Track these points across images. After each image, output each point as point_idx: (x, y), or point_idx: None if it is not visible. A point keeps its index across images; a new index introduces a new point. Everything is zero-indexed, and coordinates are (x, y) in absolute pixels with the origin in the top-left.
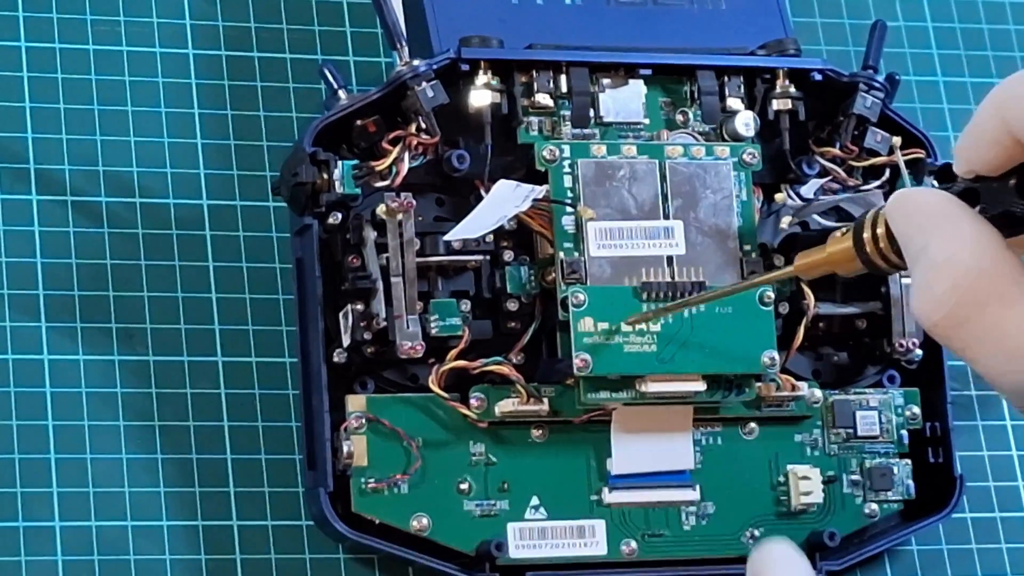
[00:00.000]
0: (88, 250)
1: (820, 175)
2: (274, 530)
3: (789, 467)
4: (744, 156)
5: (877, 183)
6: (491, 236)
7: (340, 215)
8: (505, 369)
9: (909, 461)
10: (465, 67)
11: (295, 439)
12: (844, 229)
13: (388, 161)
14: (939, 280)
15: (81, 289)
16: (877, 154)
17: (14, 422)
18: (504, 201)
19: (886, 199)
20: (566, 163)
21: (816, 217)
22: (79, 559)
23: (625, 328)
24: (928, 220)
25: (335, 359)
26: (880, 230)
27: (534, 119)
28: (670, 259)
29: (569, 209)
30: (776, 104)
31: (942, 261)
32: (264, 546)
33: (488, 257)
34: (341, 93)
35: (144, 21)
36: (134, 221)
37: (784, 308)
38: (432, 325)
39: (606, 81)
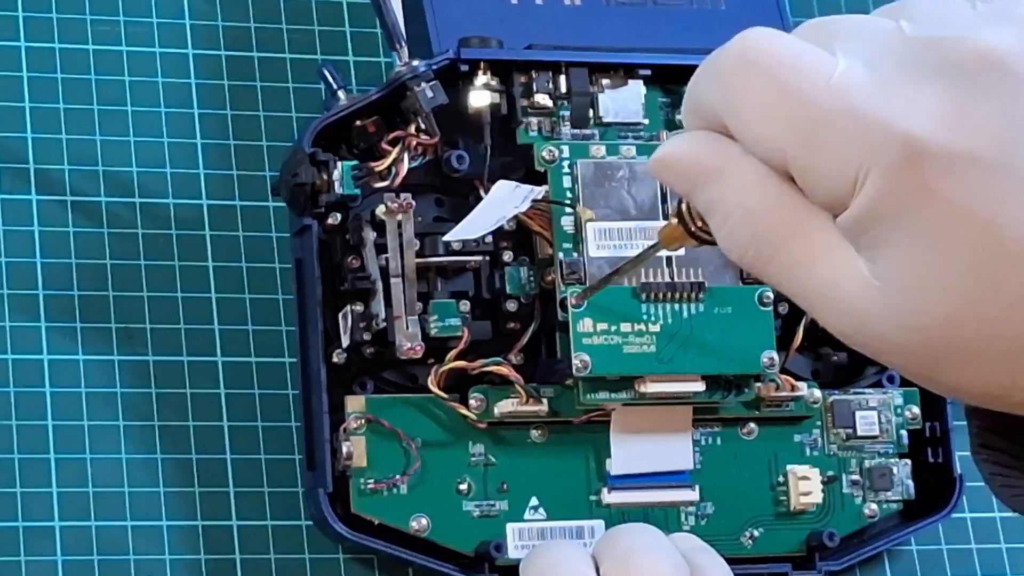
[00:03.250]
0: (88, 250)
1: None
2: (274, 530)
3: (788, 467)
4: None
5: None
6: (490, 237)
7: (339, 216)
8: (504, 370)
9: (909, 461)
10: (464, 67)
11: (295, 439)
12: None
13: (388, 162)
14: (736, 226)
15: (81, 289)
16: None
17: (14, 422)
18: (503, 202)
19: None
20: (565, 163)
21: None
22: (79, 559)
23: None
24: (697, 176)
25: (334, 359)
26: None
27: (533, 119)
28: (669, 259)
29: (568, 210)
30: None
31: (724, 212)
32: (264, 546)
33: (487, 258)
34: (341, 93)
35: (144, 21)
36: (134, 221)
37: (784, 308)
38: (431, 326)
39: (605, 81)
